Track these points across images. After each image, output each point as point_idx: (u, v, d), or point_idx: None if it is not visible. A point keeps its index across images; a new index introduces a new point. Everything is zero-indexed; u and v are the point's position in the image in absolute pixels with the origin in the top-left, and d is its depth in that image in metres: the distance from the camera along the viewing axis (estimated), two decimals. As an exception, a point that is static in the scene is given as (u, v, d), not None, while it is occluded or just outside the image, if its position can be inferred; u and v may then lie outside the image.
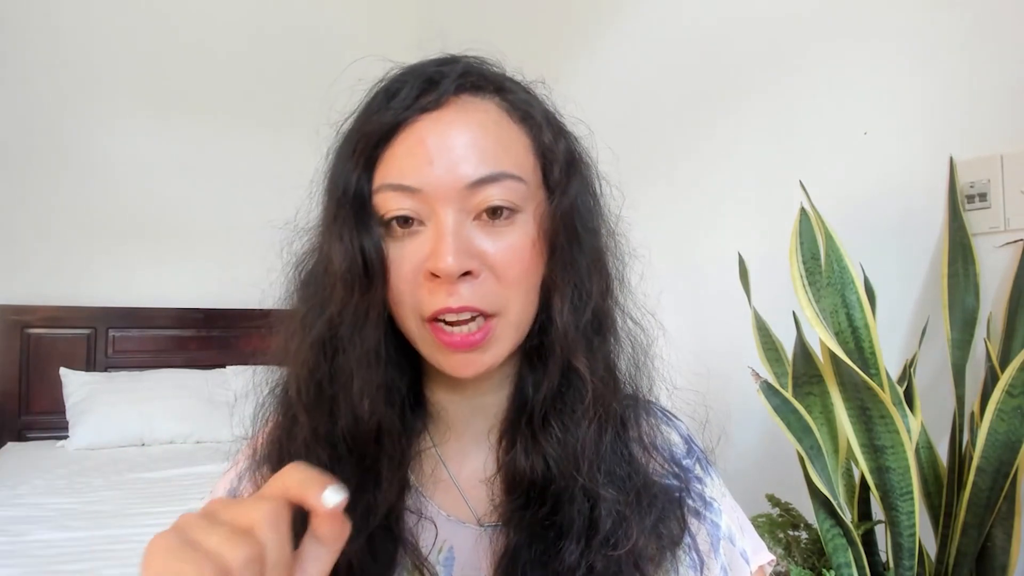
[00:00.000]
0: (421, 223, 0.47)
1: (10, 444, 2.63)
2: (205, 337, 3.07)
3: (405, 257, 0.47)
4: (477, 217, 0.47)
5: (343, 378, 0.49)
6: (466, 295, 0.46)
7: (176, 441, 2.65)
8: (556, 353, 0.50)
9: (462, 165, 0.46)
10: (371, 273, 0.47)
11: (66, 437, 2.57)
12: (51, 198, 2.88)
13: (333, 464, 0.49)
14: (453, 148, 0.47)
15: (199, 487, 1.99)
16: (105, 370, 2.88)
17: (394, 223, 0.48)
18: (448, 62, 0.51)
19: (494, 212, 0.47)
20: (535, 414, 0.51)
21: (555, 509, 0.49)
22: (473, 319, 0.47)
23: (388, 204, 0.47)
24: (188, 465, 2.27)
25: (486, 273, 0.47)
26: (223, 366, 2.99)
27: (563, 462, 0.49)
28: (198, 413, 2.68)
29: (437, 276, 0.46)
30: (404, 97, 0.48)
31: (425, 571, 0.50)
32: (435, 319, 0.47)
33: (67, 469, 2.21)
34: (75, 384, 2.69)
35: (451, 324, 0.47)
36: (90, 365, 2.87)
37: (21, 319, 2.79)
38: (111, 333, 2.93)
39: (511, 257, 0.48)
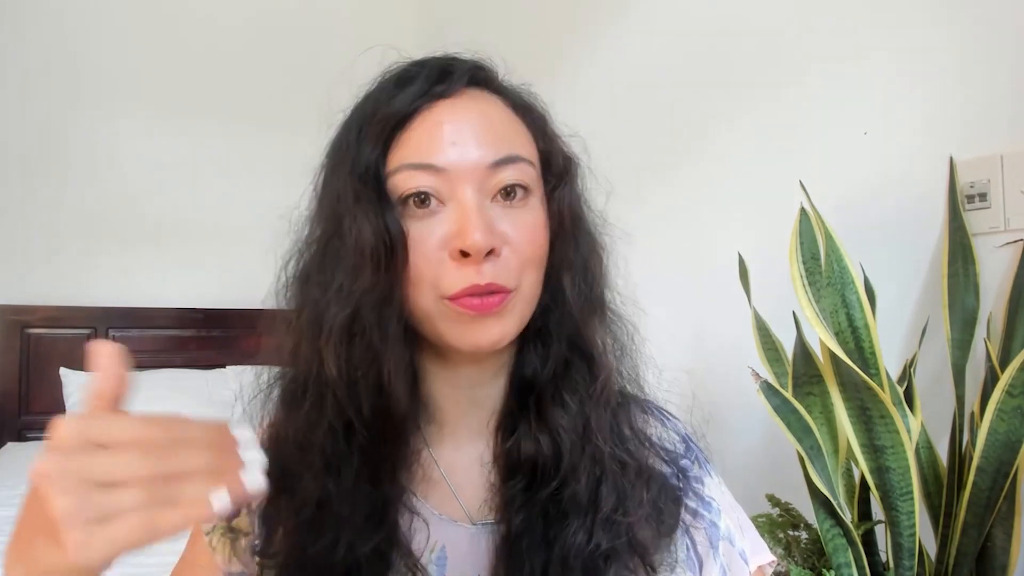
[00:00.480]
0: (440, 203, 0.48)
1: (10, 444, 2.63)
2: (205, 337, 3.06)
3: (425, 237, 0.48)
4: (494, 198, 0.49)
5: (370, 359, 0.48)
6: (489, 273, 0.47)
7: (176, 441, 2.65)
8: (564, 330, 0.52)
9: (482, 147, 0.48)
10: (395, 250, 0.48)
11: (66, 437, 2.57)
12: (51, 198, 2.88)
13: (346, 457, 0.49)
14: (471, 131, 0.49)
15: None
16: (105, 370, 2.88)
17: (411, 202, 0.48)
18: (454, 58, 0.54)
19: (508, 193, 0.49)
20: (545, 392, 0.52)
21: (561, 486, 0.50)
22: (493, 294, 0.48)
23: (407, 183, 0.48)
24: (188, 465, 2.27)
25: (506, 251, 0.49)
26: (223, 366, 2.98)
27: (573, 434, 0.51)
28: (198, 413, 2.67)
29: (465, 254, 0.46)
30: (419, 85, 0.50)
31: (418, 573, 0.50)
32: (459, 296, 0.47)
33: (67, 469, 2.21)
34: (75, 384, 2.69)
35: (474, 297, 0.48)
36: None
37: (21, 319, 2.79)
38: (111, 333, 2.93)
39: (529, 235, 0.50)
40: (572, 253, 0.53)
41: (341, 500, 0.49)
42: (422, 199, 0.48)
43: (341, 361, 0.48)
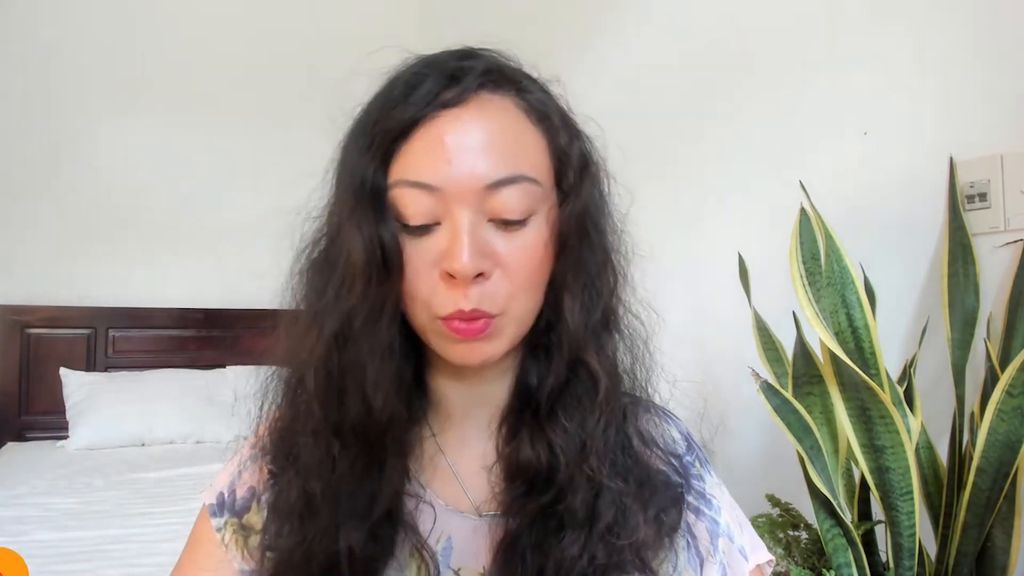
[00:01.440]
0: (437, 223, 0.48)
1: (10, 444, 2.63)
2: (205, 337, 3.06)
3: (420, 254, 0.48)
4: (492, 219, 0.48)
5: (356, 370, 0.49)
6: (476, 297, 0.47)
7: (176, 441, 2.65)
8: (565, 349, 0.51)
9: (480, 165, 0.47)
10: (389, 266, 0.47)
11: (66, 437, 2.57)
12: (51, 198, 2.88)
13: (340, 453, 0.50)
14: (472, 147, 0.47)
15: (199, 487, 1.99)
16: (105, 370, 2.88)
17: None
18: (468, 56, 0.51)
19: (507, 220, 0.48)
20: (542, 405, 0.52)
21: (558, 498, 0.50)
22: (478, 320, 0.48)
23: (404, 201, 0.47)
24: (188, 465, 2.27)
25: (498, 273, 0.48)
26: (223, 366, 2.99)
27: (569, 452, 0.50)
28: (198, 413, 2.68)
29: (452, 276, 0.46)
30: (425, 92, 0.48)
31: (424, 554, 0.51)
32: (447, 319, 0.48)
33: (67, 469, 2.21)
34: (75, 384, 2.69)
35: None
36: (90, 365, 2.87)
37: (21, 319, 2.79)
38: (111, 333, 2.93)
39: (524, 258, 0.48)
40: (577, 271, 0.51)
41: (334, 493, 0.49)
42: (421, 226, 0.48)
43: (330, 369, 0.49)
